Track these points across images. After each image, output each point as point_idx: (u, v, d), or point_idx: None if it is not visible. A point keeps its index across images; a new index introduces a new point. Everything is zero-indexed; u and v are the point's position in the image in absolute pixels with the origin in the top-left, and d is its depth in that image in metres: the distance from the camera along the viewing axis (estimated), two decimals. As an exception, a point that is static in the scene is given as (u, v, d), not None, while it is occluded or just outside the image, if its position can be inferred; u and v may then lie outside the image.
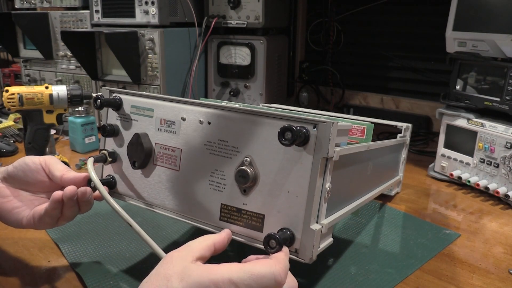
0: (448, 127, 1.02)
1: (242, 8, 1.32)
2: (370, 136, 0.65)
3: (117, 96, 0.59)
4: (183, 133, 0.54)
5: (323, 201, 0.47)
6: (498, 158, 0.89)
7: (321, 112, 1.02)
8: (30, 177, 0.58)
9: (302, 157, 0.46)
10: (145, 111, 0.57)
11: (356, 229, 0.77)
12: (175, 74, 1.30)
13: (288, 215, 0.47)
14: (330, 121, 0.44)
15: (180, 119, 0.54)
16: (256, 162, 0.48)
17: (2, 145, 1.15)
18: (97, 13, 1.30)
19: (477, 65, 0.96)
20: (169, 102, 0.55)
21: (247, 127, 0.49)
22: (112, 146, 0.61)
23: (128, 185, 0.60)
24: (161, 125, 0.56)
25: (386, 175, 0.84)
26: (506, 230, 0.80)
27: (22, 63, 1.52)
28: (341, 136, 0.49)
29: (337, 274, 0.64)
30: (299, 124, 0.45)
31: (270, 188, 0.47)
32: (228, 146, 0.50)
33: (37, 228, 0.59)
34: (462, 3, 0.95)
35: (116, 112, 0.60)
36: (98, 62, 1.33)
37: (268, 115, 0.48)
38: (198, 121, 0.53)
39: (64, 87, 0.93)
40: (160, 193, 0.57)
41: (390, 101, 1.54)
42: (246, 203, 0.49)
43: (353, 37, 1.61)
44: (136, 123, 0.58)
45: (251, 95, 1.38)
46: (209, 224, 0.52)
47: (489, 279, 0.64)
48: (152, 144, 0.57)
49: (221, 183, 0.51)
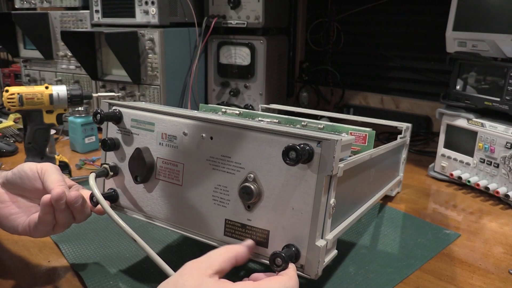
0: (448, 127, 1.02)
1: (242, 8, 1.32)
2: (372, 143, 0.65)
3: (117, 109, 0.58)
4: (185, 148, 0.53)
5: (328, 217, 0.46)
6: (498, 158, 0.89)
7: (321, 112, 1.02)
8: (27, 184, 0.58)
9: (306, 174, 0.45)
10: (146, 125, 0.56)
11: (356, 229, 0.77)
12: (175, 74, 1.30)
13: (293, 231, 0.46)
14: (334, 138, 0.43)
15: (181, 134, 0.53)
16: (260, 178, 0.48)
17: (2, 145, 1.16)
18: (97, 13, 1.30)
19: (477, 65, 0.96)
20: (170, 116, 0.54)
21: (250, 143, 0.48)
22: (113, 160, 0.60)
23: (130, 198, 0.59)
24: (163, 139, 0.55)
25: (388, 177, 0.84)
26: (506, 230, 0.80)
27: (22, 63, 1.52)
28: (345, 151, 0.48)
29: (337, 274, 0.64)
30: (302, 141, 0.45)
31: (275, 205, 0.47)
32: (231, 162, 0.49)
33: (33, 236, 0.58)
34: (462, 3, 0.95)
35: (116, 126, 0.59)
36: (98, 62, 1.33)
37: (272, 132, 0.47)
38: (200, 136, 0.52)
39: (64, 87, 0.93)
40: (163, 208, 0.56)
41: (390, 101, 1.54)
42: (250, 219, 0.49)
43: (353, 37, 1.61)
44: (137, 137, 0.57)
45: (251, 95, 1.38)
46: (213, 239, 0.52)
47: (489, 279, 0.64)
48: (154, 158, 0.56)
49: (224, 198, 0.50)
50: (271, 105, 1.04)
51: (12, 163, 1.10)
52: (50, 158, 0.95)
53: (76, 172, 1.02)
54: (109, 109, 0.59)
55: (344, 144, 0.46)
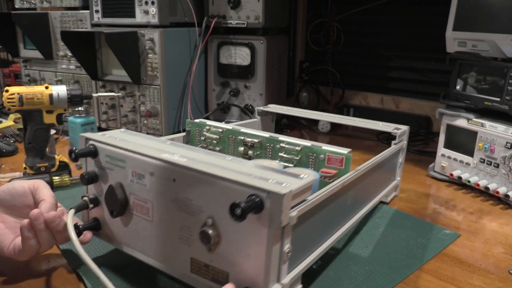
0: (448, 127, 1.02)
1: (242, 8, 1.32)
2: (349, 165, 0.63)
3: (92, 145, 0.60)
4: (153, 187, 0.54)
5: (282, 263, 0.47)
6: (498, 158, 0.89)
7: (320, 113, 1.02)
8: (17, 201, 0.59)
9: (257, 225, 0.45)
10: (118, 161, 0.57)
11: (355, 229, 0.77)
12: (175, 74, 1.30)
13: (250, 275, 0.47)
14: (281, 192, 0.43)
15: (149, 174, 0.54)
16: (218, 223, 0.48)
17: (2, 145, 1.16)
18: (97, 13, 1.30)
19: (477, 65, 0.96)
20: (138, 155, 0.55)
21: (208, 188, 0.48)
22: (94, 191, 0.61)
23: (110, 229, 0.61)
24: (133, 177, 0.56)
25: (380, 186, 0.82)
26: (506, 230, 0.80)
27: (22, 63, 1.52)
28: (303, 194, 0.48)
29: (337, 274, 0.64)
30: (254, 191, 0.44)
31: (232, 249, 0.47)
32: (193, 204, 0.50)
33: (18, 259, 0.59)
34: (462, 3, 0.95)
35: (93, 160, 0.60)
36: (98, 62, 1.33)
37: (225, 179, 0.46)
38: (165, 178, 0.52)
39: (64, 87, 0.93)
40: (139, 240, 0.57)
41: (390, 101, 1.54)
42: (212, 260, 0.49)
43: (353, 37, 1.61)
44: (111, 172, 0.58)
45: (251, 95, 1.38)
46: (182, 275, 0.53)
47: (489, 279, 0.64)
48: (127, 194, 0.57)
49: (189, 238, 0.51)
50: (270, 107, 1.03)
51: (12, 163, 1.10)
52: (50, 158, 0.95)
53: (76, 172, 1.02)
54: (86, 144, 0.61)
55: (299, 191, 0.46)
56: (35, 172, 0.94)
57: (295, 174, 0.49)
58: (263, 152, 0.71)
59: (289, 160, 0.68)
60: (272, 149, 0.69)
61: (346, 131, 1.49)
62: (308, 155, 0.66)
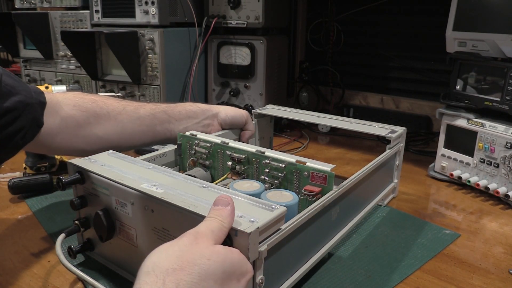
0: (448, 127, 1.02)
1: (242, 8, 1.32)
2: (332, 183, 0.62)
3: (79, 171, 0.61)
4: (134, 216, 0.55)
5: None
6: (498, 158, 0.89)
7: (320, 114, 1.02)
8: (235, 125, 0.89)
9: None
10: (103, 189, 0.58)
11: (355, 229, 0.77)
12: (175, 74, 1.30)
13: None
14: (248, 230, 0.43)
15: (130, 203, 0.55)
16: None
17: (2, 145, 1.15)
18: (97, 13, 1.30)
19: (477, 65, 0.96)
20: (119, 185, 0.56)
21: (182, 220, 0.49)
22: (85, 214, 0.63)
23: (101, 250, 0.64)
24: (117, 204, 0.57)
25: (375, 190, 0.82)
26: (506, 230, 0.80)
27: (22, 63, 1.52)
28: (274, 226, 0.48)
29: (337, 274, 0.64)
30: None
31: None
32: (170, 235, 0.51)
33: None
34: (462, 3, 0.95)
35: (82, 186, 0.62)
36: (98, 62, 1.33)
37: (195, 214, 0.47)
38: (144, 207, 0.54)
39: (64, 87, 0.94)
40: (127, 263, 0.60)
41: (390, 101, 1.54)
42: None
43: (353, 37, 1.61)
44: (98, 199, 0.60)
45: (251, 95, 1.38)
46: None
47: (489, 279, 0.64)
48: (114, 219, 0.59)
49: None
50: (267, 109, 1.02)
51: (12, 163, 1.09)
52: (50, 158, 0.95)
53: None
54: (73, 171, 0.61)
55: (267, 225, 0.46)
56: (35, 172, 0.94)
57: (268, 205, 0.50)
58: (250, 167, 0.71)
59: (274, 177, 0.68)
60: (259, 164, 0.70)
61: (346, 131, 1.48)
62: (293, 171, 0.66)
